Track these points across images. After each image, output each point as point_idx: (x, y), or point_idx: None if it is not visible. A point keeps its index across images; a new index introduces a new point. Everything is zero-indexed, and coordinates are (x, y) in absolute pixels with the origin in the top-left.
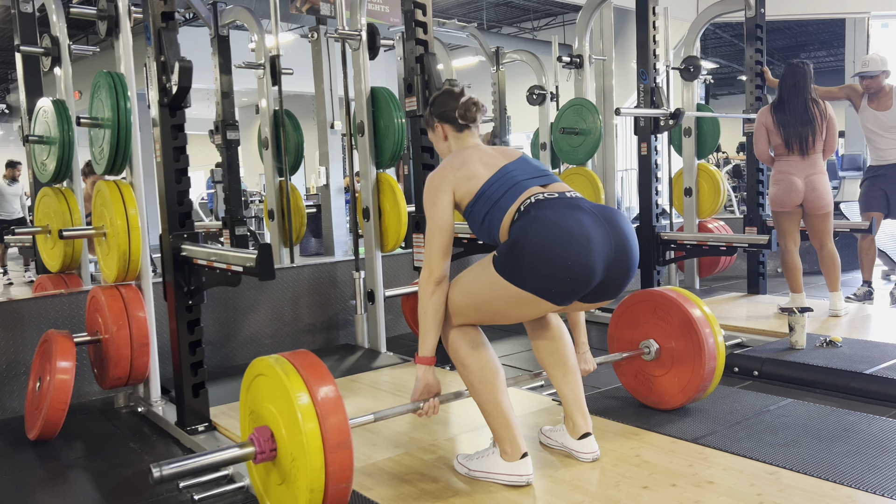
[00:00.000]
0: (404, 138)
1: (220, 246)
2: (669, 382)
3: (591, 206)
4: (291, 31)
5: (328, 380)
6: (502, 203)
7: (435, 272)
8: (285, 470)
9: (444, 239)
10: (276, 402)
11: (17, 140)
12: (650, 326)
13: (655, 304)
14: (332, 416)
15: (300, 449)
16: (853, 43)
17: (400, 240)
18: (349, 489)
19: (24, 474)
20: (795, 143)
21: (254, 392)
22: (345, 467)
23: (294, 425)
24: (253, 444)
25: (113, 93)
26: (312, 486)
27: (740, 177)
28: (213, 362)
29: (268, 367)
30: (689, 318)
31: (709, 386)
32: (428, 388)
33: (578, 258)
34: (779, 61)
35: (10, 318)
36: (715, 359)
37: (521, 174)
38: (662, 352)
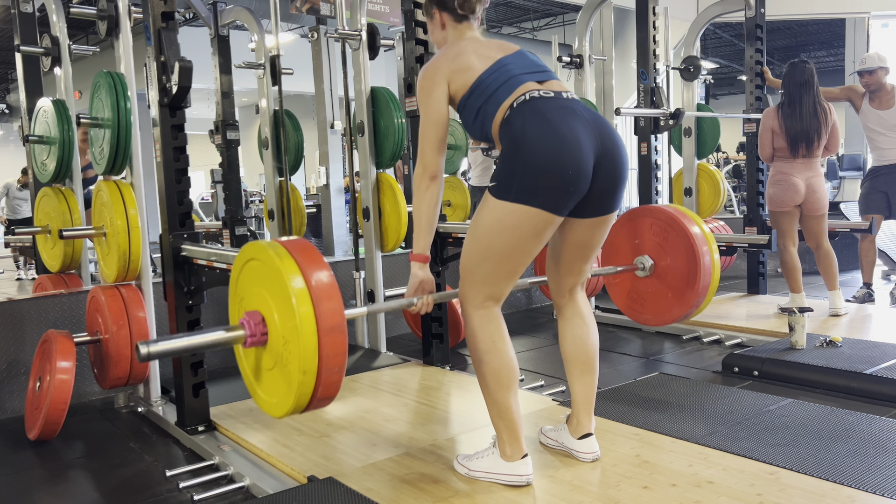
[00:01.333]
0: (404, 138)
1: (220, 246)
2: (663, 298)
3: (585, 112)
4: (291, 31)
5: (322, 264)
6: (496, 97)
7: (430, 167)
8: (277, 354)
9: (439, 132)
10: (268, 286)
11: (17, 140)
12: (645, 243)
13: (653, 220)
14: (326, 300)
15: (293, 331)
16: (853, 43)
17: (400, 240)
18: (342, 375)
19: (24, 474)
20: (802, 144)
21: (245, 277)
22: (338, 351)
23: (287, 308)
24: (243, 327)
25: (113, 93)
26: (305, 368)
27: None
28: (213, 362)
29: (260, 250)
30: (688, 234)
31: (702, 303)
32: (422, 284)
33: (573, 163)
34: (779, 61)
35: (10, 318)
36: (710, 275)
37: (518, 68)
38: (657, 268)
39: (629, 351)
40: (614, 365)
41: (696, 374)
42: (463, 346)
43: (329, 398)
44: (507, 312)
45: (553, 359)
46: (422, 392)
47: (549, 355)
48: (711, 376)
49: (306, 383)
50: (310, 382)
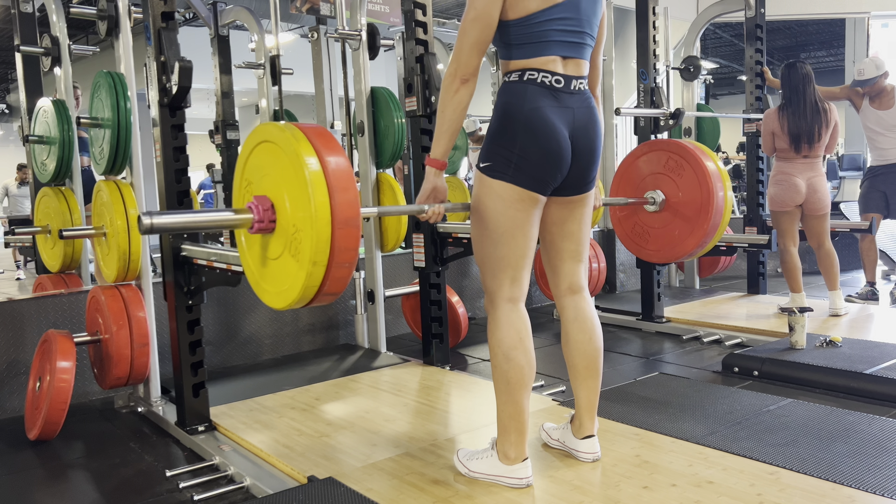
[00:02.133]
0: (404, 138)
1: (220, 246)
2: (670, 234)
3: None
4: (291, 31)
5: (340, 153)
6: (522, 50)
7: (463, 67)
8: (286, 242)
9: (482, 34)
10: (281, 170)
11: (17, 140)
12: (658, 178)
13: (668, 155)
14: (342, 190)
15: (306, 219)
16: (853, 43)
17: (400, 240)
18: (351, 270)
19: (24, 474)
20: (804, 144)
21: (254, 161)
22: (351, 245)
23: (302, 194)
24: (251, 211)
25: (113, 93)
26: (316, 259)
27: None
28: (213, 362)
29: (276, 131)
30: (703, 169)
31: (710, 240)
32: (436, 191)
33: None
34: (779, 61)
35: (10, 318)
36: (721, 214)
37: (557, 32)
38: (668, 203)
39: (629, 351)
40: (614, 365)
41: (696, 374)
42: (463, 346)
43: (334, 294)
44: None
45: (553, 359)
46: (422, 392)
47: (550, 355)
48: (711, 376)
49: (315, 275)
50: (319, 274)
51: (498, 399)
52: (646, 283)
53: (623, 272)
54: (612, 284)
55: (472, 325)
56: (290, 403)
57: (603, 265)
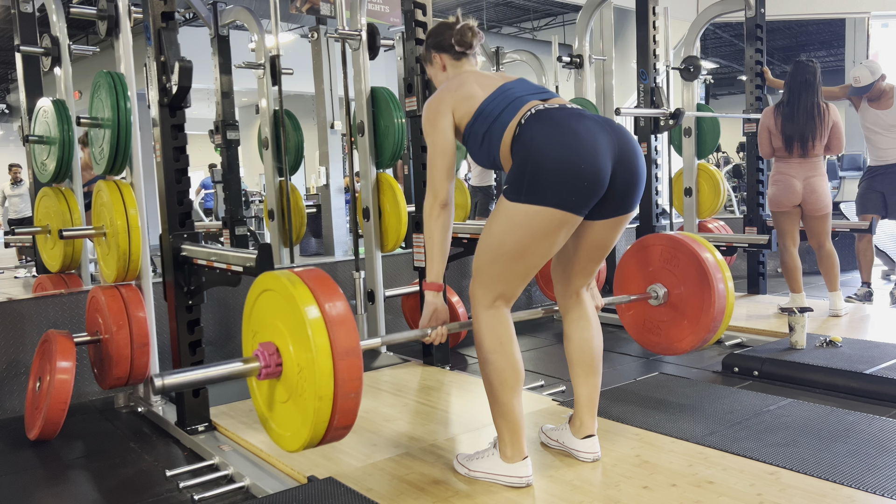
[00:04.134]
0: (404, 138)
1: (220, 246)
2: (677, 327)
3: (593, 115)
4: (291, 31)
5: (337, 293)
6: (502, 118)
7: (440, 195)
8: (292, 384)
9: (447, 160)
10: (282, 316)
11: (17, 140)
12: (658, 271)
13: (664, 249)
14: (341, 326)
15: (308, 358)
16: (853, 43)
17: (400, 240)
18: (358, 400)
19: (24, 474)
20: (797, 145)
21: (259, 309)
22: (354, 375)
23: (302, 334)
24: (258, 359)
25: (113, 93)
26: (321, 394)
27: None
28: (212, 362)
29: (275, 280)
30: (701, 262)
31: (717, 329)
32: (436, 314)
33: (589, 159)
34: (779, 61)
35: (10, 318)
36: (724, 302)
37: (520, 91)
38: (670, 297)
39: (629, 351)
40: (614, 365)
41: (696, 374)
42: (463, 346)
43: (346, 427)
44: None
45: (553, 359)
46: (422, 392)
47: (549, 355)
48: (711, 376)
49: (322, 410)
50: (326, 409)
51: (488, 400)
52: None
53: None
54: (612, 284)
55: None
56: None
57: (603, 265)
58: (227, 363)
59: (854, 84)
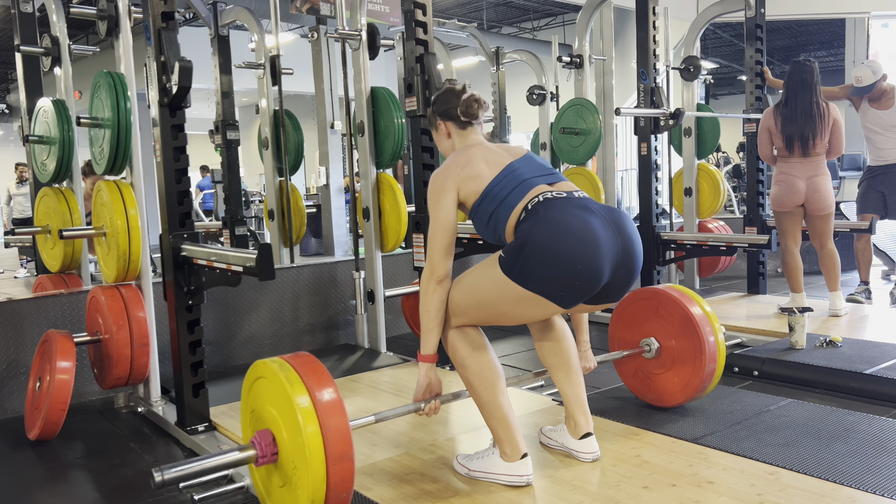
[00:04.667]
0: (404, 138)
1: (220, 246)
2: (669, 381)
3: (599, 208)
4: (291, 31)
5: (329, 384)
6: (508, 201)
7: (437, 271)
8: (287, 474)
9: (447, 238)
10: (277, 406)
11: (17, 140)
12: (651, 325)
13: (656, 303)
14: (333, 426)
15: (302, 458)
16: (853, 43)
17: (400, 240)
18: (350, 498)
19: (24, 474)
20: (797, 144)
21: (255, 394)
22: (346, 478)
23: (296, 432)
24: (254, 447)
25: (113, 93)
26: (314, 497)
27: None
28: (213, 362)
29: (269, 371)
30: (690, 316)
31: (709, 385)
32: (430, 387)
33: (587, 260)
34: (779, 61)
35: (10, 318)
36: (715, 358)
37: (527, 172)
38: (663, 350)
39: None
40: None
41: None
42: None
43: None
44: None
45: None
46: None
47: None
48: None
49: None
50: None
51: (476, 404)
52: (645, 284)
53: None
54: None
55: None
56: None
57: None
58: (225, 453)
59: (856, 84)
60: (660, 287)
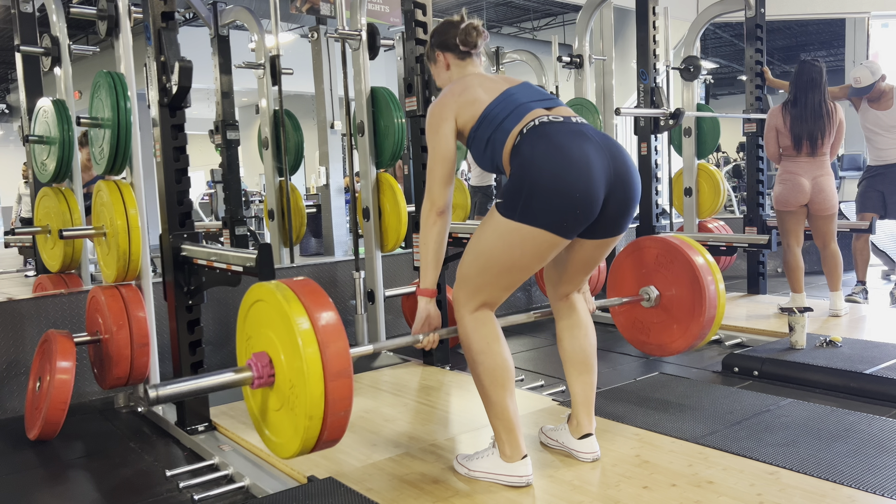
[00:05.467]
0: (404, 138)
1: (220, 246)
2: (668, 329)
3: (595, 134)
4: (291, 31)
5: (329, 307)
6: (505, 125)
7: (437, 202)
8: (284, 396)
9: (447, 168)
10: (275, 329)
11: (17, 140)
12: (651, 273)
13: (657, 251)
14: (332, 344)
15: (300, 376)
16: (853, 43)
17: (400, 240)
18: (348, 417)
19: (24, 474)
20: (806, 143)
21: (252, 318)
22: (344, 395)
23: (294, 352)
24: (251, 369)
25: (113, 93)
26: (311, 414)
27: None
28: (213, 362)
29: (267, 292)
30: (692, 265)
31: (707, 334)
32: (429, 320)
33: (582, 187)
34: (779, 61)
35: (10, 318)
36: (715, 307)
37: (525, 97)
38: (662, 299)
39: (629, 351)
40: (614, 365)
41: (696, 374)
42: None
43: (335, 440)
44: (506, 313)
45: (553, 359)
46: (422, 392)
47: (549, 355)
48: (711, 376)
49: (312, 427)
50: (316, 427)
51: (482, 401)
52: None
53: None
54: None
55: None
56: None
57: (603, 265)
58: (220, 373)
59: (854, 85)
60: (660, 236)
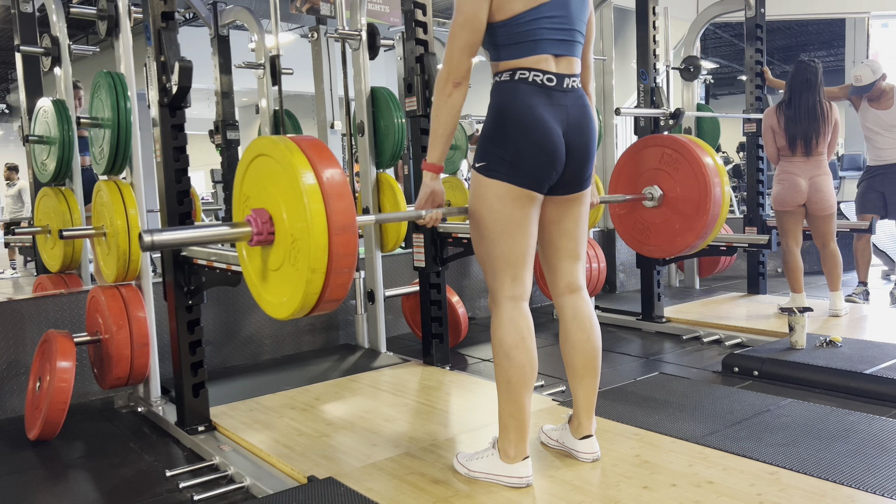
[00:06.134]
0: (404, 138)
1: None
2: (670, 228)
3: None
4: (291, 31)
5: (334, 162)
6: (511, 50)
7: (455, 71)
8: (284, 253)
9: (472, 37)
10: (277, 183)
11: (17, 140)
12: (655, 173)
13: (664, 151)
14: (337, 198)
15: (303, 230)
16: (853, 43)
17: (400, 240)
18: (351, 276)
19: (24, 474)
20: (800, 143)
21: (252, 174)
22: (349, 251)
23: (297, 205)
24: (250, 224)
25: (113, 93)
26: (314, 267)
27: (740, 177)
28: (213, 362)
29: (271, 144)
30: (700, 164)
31: (709, 234)
32: (433, 195)
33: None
34: (779, 61)
35: (10, 318)
36: (720, 206)
37: (547, 31)
38: (666, 198)
39: (629, 351)
40: (614, 365)
41: (696, 374)
42: (463, 346)
43: (336, 300)
44: None
45: (553, 359)
46: (422, 392)
47: (550, 355)
48: (711, 376)
49: (314, 282)
50: (318, 281)
51: (499, 397)
52: (646, 283)
53: (623, 272)
54: (612, 284)
55: (472, 325)
56: (290, 403)
57: (603, 265)
58: (217, 225)
59: (855, 83)
60: (669, 135)
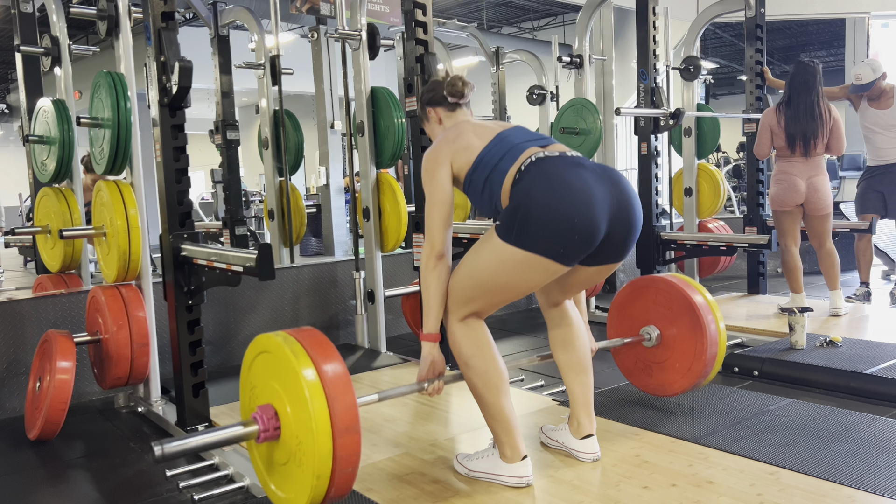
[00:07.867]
0: (404, 138)
1: (220, 246)
2: (670, 369)
3: (592, 165)
4: (291, 31)
5: (336, 359)
6: (501, 166)
7: (437, 246)
8: (290, 450)
9: (445, 211)
10: (281, 381)
11: (17, 140)
12: (651, 313)
13: (657, 291)
14: (340, 398)
15: (307, 433)
16: (853, 43)
17: (400, 240)
18: (355, 473)
19: (24, 474)
20: (799, 143)
21: (256, 370)
22: (353, 451)
23: (301, 406)
24: (256, 422)
25: (113, 93)
26: (319, 473)
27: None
28: (213, 362)
29: (274, 344)
30: (692, 304)
31: (710, 372)
32: (433, 366)
33: (583, 213)
34: (779, 61)
35: (10, 318)
36: (717, 345)
37: (518, 138)
38: (663, 338)
39: None
40: (614, 365)
41: None
42: None
43: (343, 495)
44: (506, 312)
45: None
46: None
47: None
48: None
49: (320, 486)
50: (323, 485)
51: (477, 405)
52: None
53: (623, 272)
54: (611, 284)
55: None
56: None
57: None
58: (225, 429)
59: (855, 82)
60: (659, 275)
